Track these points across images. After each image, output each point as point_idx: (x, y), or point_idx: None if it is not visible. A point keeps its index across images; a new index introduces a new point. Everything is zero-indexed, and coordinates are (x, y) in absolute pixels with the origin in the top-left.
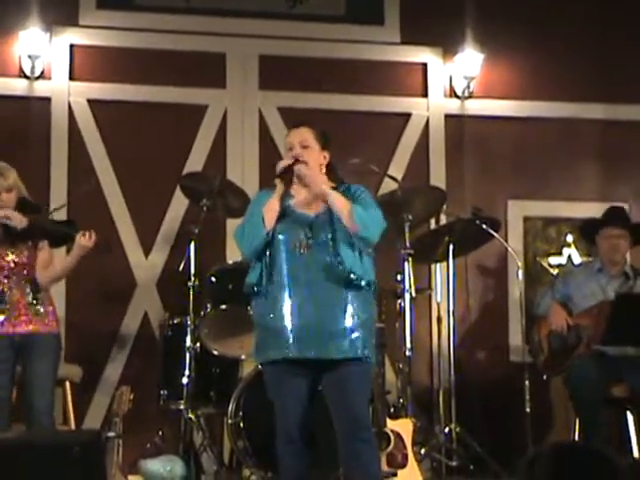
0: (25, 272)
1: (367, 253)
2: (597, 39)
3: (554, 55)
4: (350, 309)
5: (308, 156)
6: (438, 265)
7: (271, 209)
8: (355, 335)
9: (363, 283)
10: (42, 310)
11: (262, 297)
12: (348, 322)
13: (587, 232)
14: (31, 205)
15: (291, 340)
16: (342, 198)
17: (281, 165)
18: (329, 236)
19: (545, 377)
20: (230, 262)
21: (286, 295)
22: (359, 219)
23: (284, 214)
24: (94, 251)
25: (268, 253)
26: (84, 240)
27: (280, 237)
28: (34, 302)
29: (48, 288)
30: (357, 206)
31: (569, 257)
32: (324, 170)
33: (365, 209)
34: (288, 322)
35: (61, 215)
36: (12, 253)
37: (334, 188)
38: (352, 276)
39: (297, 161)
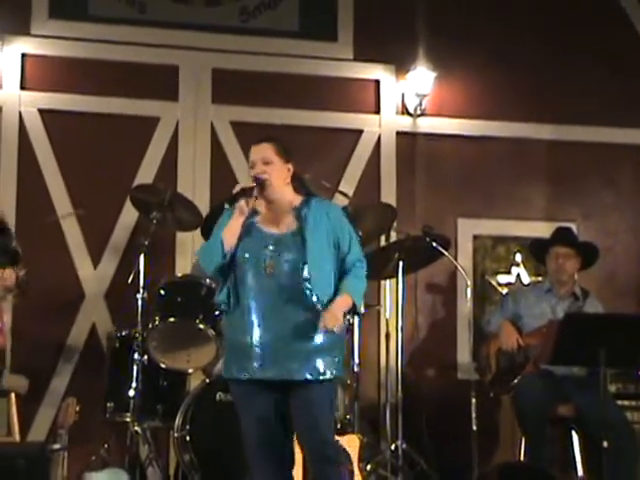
0: None
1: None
2: (546, 60)
3: (504, 75)
4: (313, 331)
5: (271, 172)
6: (388, 282)
7: (230, 230)
8: (319, 357)
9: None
10: None
11: (229, 316)
12: (311, 344)
13: (536, 252)
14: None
15: (254, 360)
16: (345, 302)
17: (237, 188)
18: (295, 256)
19: (492, 395)
20: (179, 275)
21: (251, 315)
22: (359, 296)
23: (249, 232)
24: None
25: (234, 272)
26: (6, 279)
27: (246, 256)
28: None
29: None
30: (353, 285)
31: (518, 276)
32: (288, 181)
33: (355, 274)
34: (252, 342)
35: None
36: None
37: (302, 201)
38: (317, 298)
39: (258, 182)
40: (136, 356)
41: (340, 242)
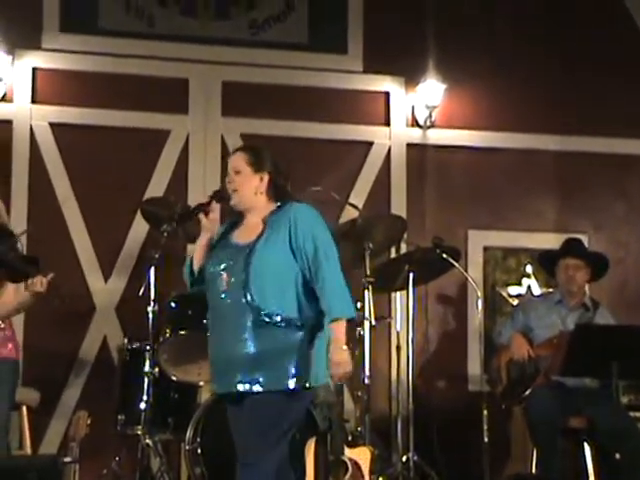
0: None
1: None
2: (555, 70)
3: (514, 86)
4: (254, 343)
5: (240, 182)
6: (398, 294)
7: (198, 247)
8: (261, 369)
9: (277, 318)
10: None
11: None
12: (250, 356)
13: (546, 263)
14: (4, 233)
15: (216, 374)
16: (339, 335)
17: (197, 202)
18: (245, 266)
19: (503, 407)
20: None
21: (213, 328)
22: (346, 309)
23: (223, 245)
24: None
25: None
26: (38, 286)
27: (218, 269)
28: None
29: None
30: (334, 304)
31: (528, 287)
32: (262, 192)
33: (329, 287)
34: (214, 356)
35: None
36: None
37: (274, 209)
38: (261, 313)
39: (215, 196)
40: (147, 369)
41: (298, 244)
